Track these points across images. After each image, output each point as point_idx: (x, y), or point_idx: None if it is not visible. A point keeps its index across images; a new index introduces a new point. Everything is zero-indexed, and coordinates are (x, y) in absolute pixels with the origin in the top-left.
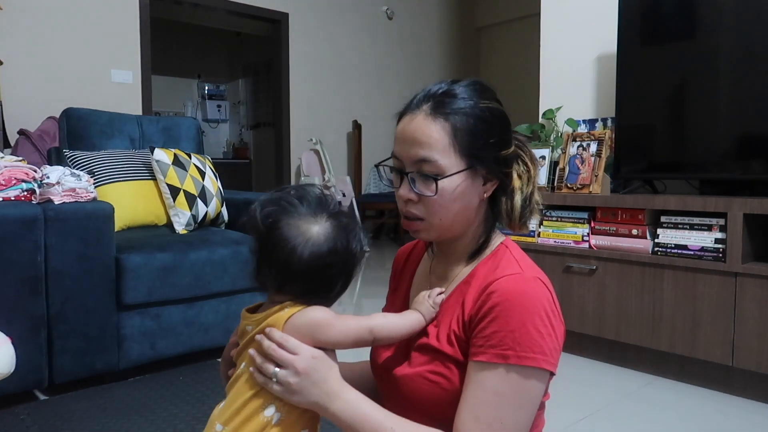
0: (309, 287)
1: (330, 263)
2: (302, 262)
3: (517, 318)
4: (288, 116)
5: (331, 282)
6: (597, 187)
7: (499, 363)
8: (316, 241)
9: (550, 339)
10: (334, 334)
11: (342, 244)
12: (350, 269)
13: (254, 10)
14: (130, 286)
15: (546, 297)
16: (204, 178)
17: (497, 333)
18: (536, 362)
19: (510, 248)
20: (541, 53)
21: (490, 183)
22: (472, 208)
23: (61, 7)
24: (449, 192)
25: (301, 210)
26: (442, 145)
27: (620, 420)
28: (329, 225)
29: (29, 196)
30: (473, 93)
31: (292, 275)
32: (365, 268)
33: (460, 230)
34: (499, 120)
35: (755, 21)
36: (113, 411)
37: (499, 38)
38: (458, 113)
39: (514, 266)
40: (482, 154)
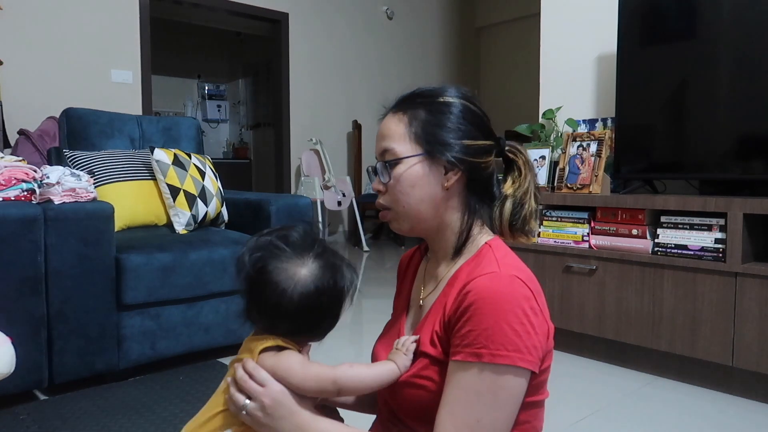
0: (298, 327)
1: (318, 303)
2: (292, 305)
3: (491, 316)
4: (288, 116)
5: (320, 320)
6: (597, 187)
7: (473, 362)
8: (305, 283)
9: (527, 337)
10: (295, 382)
11: (329, 283)
12: (338, 306)
13: (254, 10)
14: (130, 286)
15: (523, 295)
16: (204, 178)
17: (472, 332)
18: (511, 360)
19: (494, 247)
20: (541, 53)
21: (452, 172)
22: (437, 197)
23: (61, 7)
24: (405, 177)
25: (288, 253)
26: (398, 134)
27: (620, 420)
28: (316, 266)
29: (29, 196)
30: (437, 90)
31: (282, 317)
32: (365, 269)
33: (431, 221)
34: (461, 112)
35: (755, 21)
36: (113, 411)
37: (499, 38)
38: (417, 106)
39: (493, 265)
40: (437, 140)
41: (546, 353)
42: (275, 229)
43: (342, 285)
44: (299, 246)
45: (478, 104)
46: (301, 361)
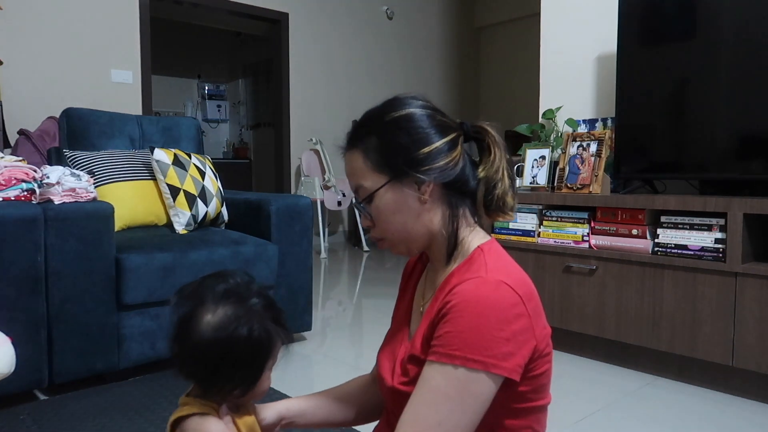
0: (210, 375)
1: (221, 351)
2: (197, 350)
3: (470, 320)
4: (288, 116)
5: (228, 369)
6: (597, 187)
7: (445, 363)
8: (206, 329)
9: (505, 344)
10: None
11: (231, 333)
12: (246, 358)
13: (254, 10)
14: (130, 286)
15: (508, 301)
16: (204, 178)
17: (448, 333)
18: (484, 366)
19: (485, 251)
20: (541, 53)
21: (424, 185)
22: (420, 214)
23: (61, 7)
24: (383, 208)
25: (206, 300)
26: (360, 169)
27: (620, 420)
28: (223, 315)
29: (29, 196)
30: (379, 112)
31: (193, 363)
32: (365, 269)
33: (422, 237)
34: (408, 122)
35: (755, 21)
36: (113, 411)
37: (499, 38)
38: (365, 135)
39: (480, 270)
40: (397, 161)
41: (540, 357)
42: (213, 275)
43: (248, 336)
44: (219, 294)
45: (426, 103)
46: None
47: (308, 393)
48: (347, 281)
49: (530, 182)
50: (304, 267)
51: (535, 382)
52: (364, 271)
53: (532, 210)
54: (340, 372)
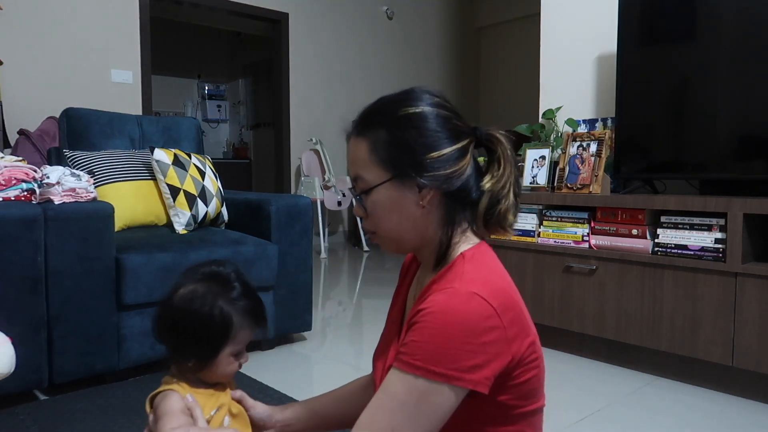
0: (165, 341)
1: (181, 321)
2: (166, 315)
3: (437, 331)
4: (288, 116)
5: (187, 339)
6: (597, 187)
7: (407, 371)
8: (177, 299)
9: (473, 356)
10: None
11: (194, 307)
12: (203, 332)
13: (254, 10)
14: (130, 286)
15: (478, 313)
16: (204, 178)
17: (413, 342)
18: (446, 378)
19: (466, 258)
20: (541, 53)
21: (425, 190)
22: (416, 216)
23: (61, 7)
24: (380, 204)
25: (193, 276)
26: (363, 160)
27: (620, 420)
28: (193, 289)
29: (29, 196)
30: (394, 104)
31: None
32: (365, 269)
33: (414, 240)
34: (423, 122)
35: (755, 21)
36: (113, 411)
37: (499, 38)
38: (377, 126)
39: (455, 280)
40: (403, 161)
41: (523, 366)
42: (214, 261)
43: (207, 313)
44: (205, 275)
45: (445, 103)
46: (167, 412)
47: (308, 393)
48: (347, 281)
49: (530, 182)
50: (304, 267)
51: (520, 390)
52: (364, 271)
53: (532, 210)
54: (340, 372)
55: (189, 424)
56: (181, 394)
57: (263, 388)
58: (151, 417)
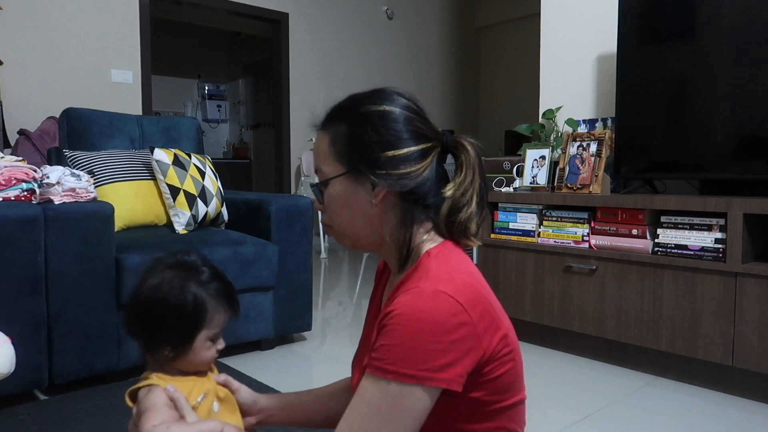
0: (138, 334)
1: (147, 309)
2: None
3: (404, 333)
4: (288, 116)
5: (155, 331)
6: (597, 187)
7: (379, 376)
8: (146, 287)
9: (443, 355)
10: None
11: (162, 293)
12: (172, 319)
13: (254, 10)
14: (131, 286)
15: (445, 311)
16: (204, 178)
17: (383, 346)
18: (418, 380)
19: (432, 256)
20: (541, 53)
21: (378, 188)
22: (370, 214)
23: (61, 7)
24: (335, 198)
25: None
26: (323, 154)
27: (620, 420)
28: (161, 279)
29: (29, 196)
30: (359, 101)
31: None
32: (366, 269)
33: (369, 238)
34: (384, 120)
35: (755, 21)
36: (113, 411)
37: (499, 38)
38: (338, 121)
39: (420, 279)
40: (358, 156)
41: (495, 360)
42: (175, 252)
43: (179, 298)
44: (170, 264)
45: (411, 105)
46: (150, 407)
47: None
48: (347, 281)
49: (530, 182)
50: (304, 267)
51: (494, 385)
52: (364, 271)
53: (532, 210)
54: (340, 372)
55: (173, 419)
56: (162, 387)
57: (263, 388)
58: (135, 411)
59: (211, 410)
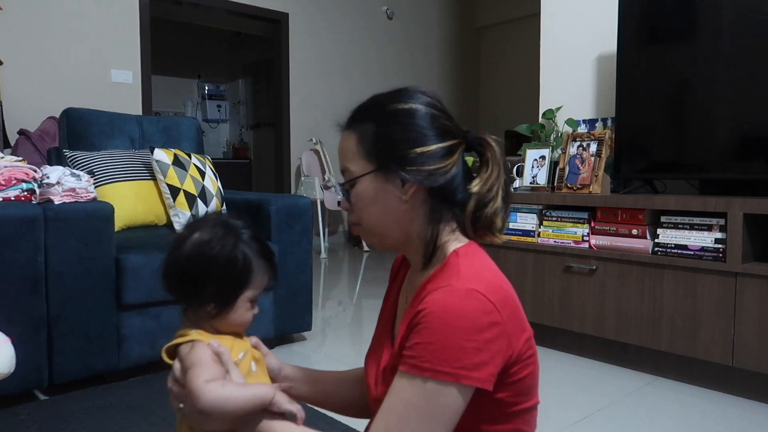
0: (180, 289)
1: (193, 264)
2: (179, 262)
3: (439, 331)
4: (288, 116)
5: (199, 286)
6: (597, 187)
7: (415, 375)
8: (190, 244)
9: (475, 354)
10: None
11: (208, 248)
12: (218, 274)
13: (254, 10)
14: (130, 286)
15: (478, 309)
16: (204, 178)
17: (418, 344)
18: (454, 378)
19: (460, 255)
20: (541, 53)
21: (408, 185)
22: (398, 211)
23: (61, 7)
24: (362, 196)
25: (200, 225)
26: (350, 152)
27: (620, 420)
28: (205, 233)
29: (29, 196)
30: (384, 100)
31: (166, 274)
32: (365, 269)
33: (397, 235)
34: (411, 118)
35: (755, 21)
36: (113, 411)
37: (499, 38)
38: (365, 120)
39: (452, 277)
40: (387, 154)
41: (520, 362)
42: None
43: (230, 255)
44: (212, 222)
45: (435, 103)
46: (196, 362)
47: None
48: (347, 281)
49: (530, 182)
50: (304, 267)
51: (517, 387)
52: (364, 271)
53: (532, 210)
54: None
55: (221, 374)
56: (205, 342)
57: None
58: (177, 367)
59: (250, 369)
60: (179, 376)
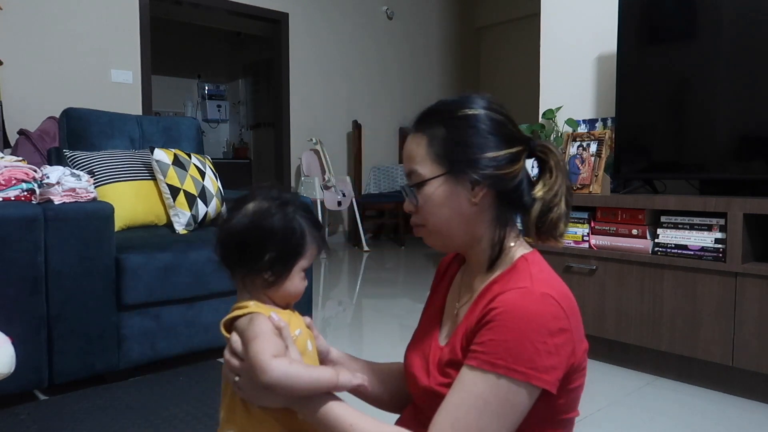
0: (236, 259)
1: (248, 232)
2: (235, 231)
3: (514, 330)
4: (288, 116)
5: (259, 251)
6: (597, 187)
7: (488, 370)
8: (245, 213)
9: (547, 356)
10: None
11: (264, 217)
12: (276, 241)
13: (254, 10)
14: (130, 286)
15: (552, 314)
16: (204, 178)
17: (492, 341)
18: (526, 377)
19: (530, 262)
20: (541, 53)
21: (478, 188)
22: (466, 214)
23: (61, 7)
24: (433, 198)
25: (252, 197)
26: (420, 156)
27: (620, 420)
28: (260, 202)
29: (29, 196)
30: (455, 103)
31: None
32: (366, 269)
33: (463, 237)
34: (481, 123)
35: (755, 21)
36: (113, 411)
37: (499, 38)
38: (435, 124)
39: (526, 280)
40: (459, 157)
41: (578, 371)
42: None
43: (288, 225)
44: (264, 194)
45: (501, 110)
46: (259, 335)
47: None
48: (347, 281)
49: None
50: None
51: (570, 395)
52: (364, 271)
53: None
54: None
55: (282, 348)
56: (265, 315)
57: None
58: (235, 340)
59: (306, 347)
60: (238, 348)
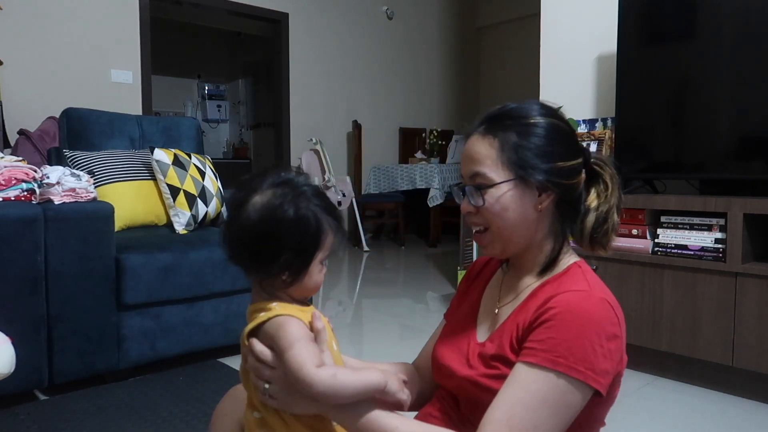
0: (258, 257)
1: (261, 230)
2: (246, 230)
3: (575, 329)
4: (288, 116)
5: (271, 254)
6: None
7: (548, 368)
8: (254, 208)
9: (604, 359)
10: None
11: (278, 211)
12: (292, 238)
13: (254, 10)
14: (130, 286)
15: (609, 319)
16: (204, 178)
17: (552, 339)
18: (585, 377)
19: (583, 268)
20: (541, 53)
21: (545, 194)
22: (530, 220)
23: (61, 7)
24: (498, 201)
25: (259, 186)
26: (490, 159)
27: (620, 420)
28: (270, 194)
29: (29, 196)
30: (524, 110)
31: (243, 245)
32: (366, 269)
33: (523, 242)
34: (551, 132)
35: (755, 21)
36: (113, 411)
37: (499, 38)
38: (506, 130)
39: (583, 284)
40: (529, 164)
41: (616, 381)
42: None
43: (302, 216)
44: (272, 182)
45: (565, 121)
46: (293, 343)
47: None
48: (347, 281)
49: None
50: None
51: (607, 404)
52: (364, 271)
53: None
54: None
55: (320, 356)
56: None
57: None
58: (261, 350)
59: (332, 346)
60: (266, 356)
